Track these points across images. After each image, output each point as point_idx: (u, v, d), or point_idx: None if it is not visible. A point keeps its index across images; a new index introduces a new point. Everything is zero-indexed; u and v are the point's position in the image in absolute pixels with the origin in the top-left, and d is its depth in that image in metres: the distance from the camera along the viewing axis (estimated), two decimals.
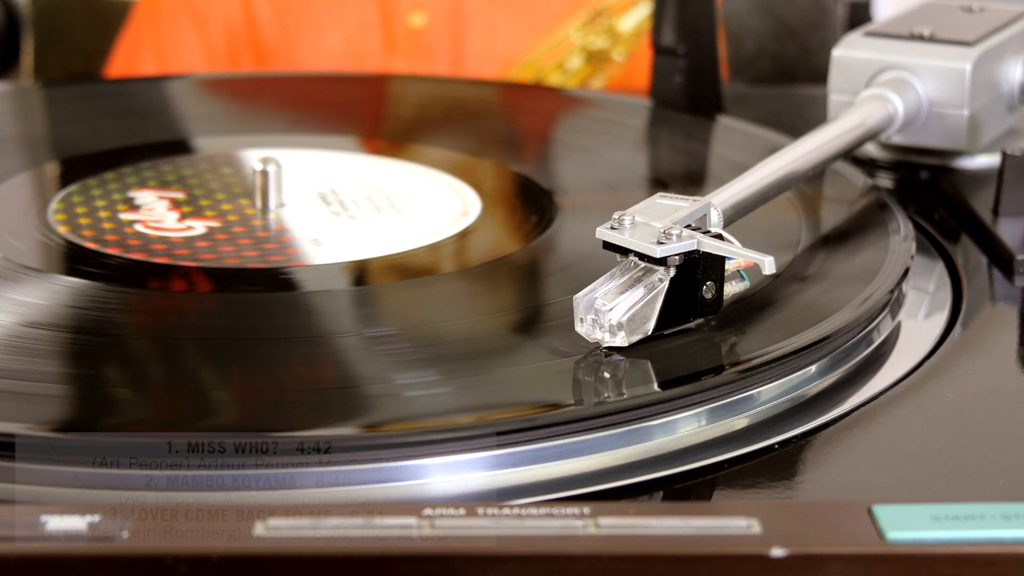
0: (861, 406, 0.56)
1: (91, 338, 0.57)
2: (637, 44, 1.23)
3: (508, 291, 0.65)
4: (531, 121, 0.90)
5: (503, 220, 0.72)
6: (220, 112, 0.92)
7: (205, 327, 0.59)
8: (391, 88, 0.99)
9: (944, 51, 0.77)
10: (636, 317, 0.54)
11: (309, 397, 0.53)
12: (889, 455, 0.52)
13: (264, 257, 0.66)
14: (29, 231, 0.68)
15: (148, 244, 0.67)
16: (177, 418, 0.51)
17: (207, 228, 0.69)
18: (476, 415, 0.51)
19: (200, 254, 0.66)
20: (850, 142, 0.71)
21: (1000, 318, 0.64)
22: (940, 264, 0.70)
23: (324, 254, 0.66)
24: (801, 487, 0.50)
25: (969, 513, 0.45)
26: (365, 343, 0.58)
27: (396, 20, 1.21)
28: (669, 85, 0.90)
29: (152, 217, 0.70)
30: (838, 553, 0.43)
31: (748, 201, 0.62)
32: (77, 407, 0.52)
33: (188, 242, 0.67)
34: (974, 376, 0.58)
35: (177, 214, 0.70)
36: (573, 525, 0.44)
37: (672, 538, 0.44)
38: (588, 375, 0.54)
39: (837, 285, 0.62)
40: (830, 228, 0.69)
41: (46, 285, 0.61)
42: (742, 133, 0.83)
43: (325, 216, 0.71)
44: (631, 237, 0.55)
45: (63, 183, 0.74)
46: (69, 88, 0.99)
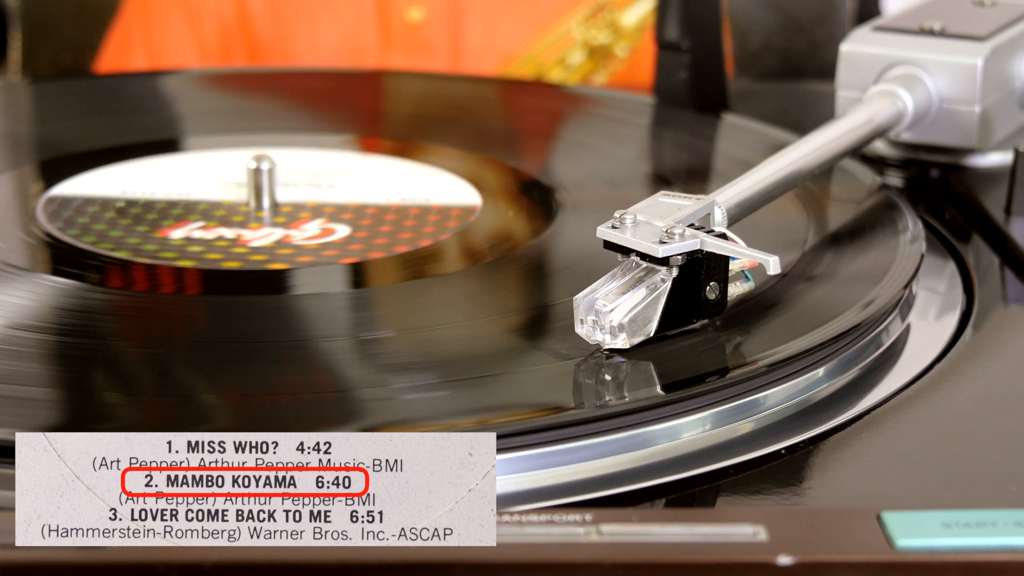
0: (870, 410, 0.55)
1: (77, 340, 0.57)
2: (640, 39, 1.23)
3: (507, 292, 0.65)
4: (531, 118, 0.91)
5: (502, 219, 0.72)
6: (212, 108, 0.92)
7: (196, 329, 0.59)
8: (388, 84, 0.99)
9: (955, 46, 0.77)
10: (638, 318, 0.54)
11: (304, 401, 0.52)
12: (898, 460, 0.52)
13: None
14: (16, 230, 0.67)
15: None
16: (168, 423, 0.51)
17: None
18: (475, 419, 0.51)
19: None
20: (858, 139, 0.71)
21: (1012, 320, 0.64)
22: (951, 264, 0.69)
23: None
24: (808, 493, 0.50)
25: (980, 520, 0.45)
26: (362, 346, 0.57)
27: (393, 14, 1.21)
28: (673, 81, 0.90)
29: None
30: (846, 561, 0.43)
31: (753, 200, 0.62)
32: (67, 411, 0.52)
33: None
34: (986, 379, 0.58)
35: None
36: (575, 532, 0.44)
37: (676, 546, 0.44)
38: (589, 378, 0.54)
39: (845, 286, 0.62)
40: (838, 227, 0.69)
41: (31, 285, 0.61)
42: (747, 130, 0.83)
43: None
44: (633, 236, 0.55)
45: (52, 181, 0.74)
46: (58, 84, 1.00)
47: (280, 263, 0.65)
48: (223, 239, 0.67)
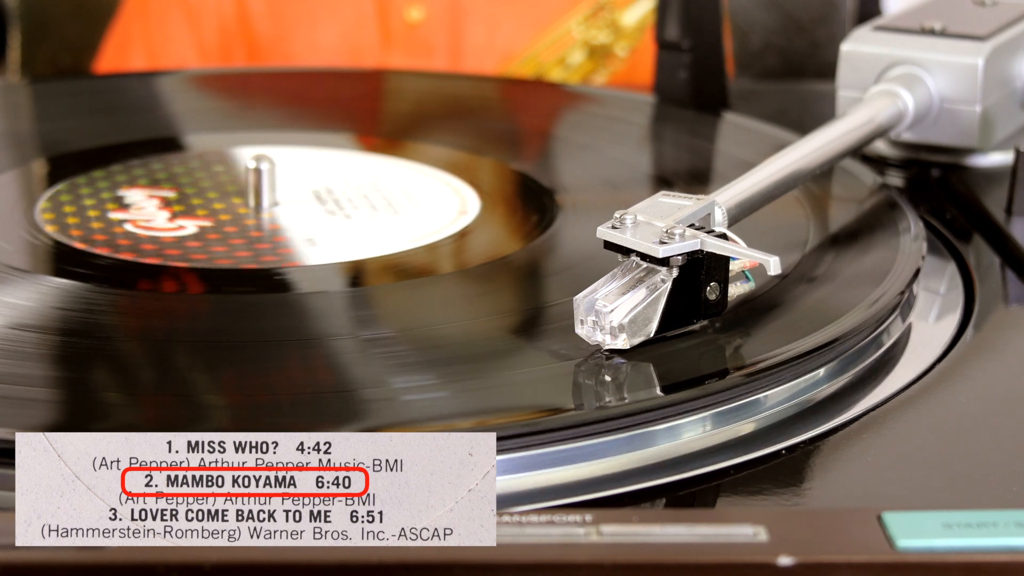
0: (870, 411, 0.55)
1: (78, 340, 0.56)
2: (640, 39, 1.23)
3: (507, 292, 0.65)
4: (531, 118, 0.91)
5: (502, 220, 0.72)
6: (212, 108, 0.92)
7: (196, 329, 0.59)
8: (388, 84, 0.99)
9: (956, 46, 0.77)
10: (638, 319, 0.54)
11: (304, 401, 0.52)
12: (899, 461, 0.52)
13: (257, 257, 0.65)
14: (16, 231, 0.67)
15: (138, 244, 0.66)
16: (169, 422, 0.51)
17: (198, 228, 0.68)
18: (474, 419, 0.51)
19: (191, 254, 0.65)
20: (859, 139, 0.71)
21: (1013, 320, 0.64)
22: (952, 265, 0.69)
23: (319, 254, 0.66)
24: (809, 494, 0.50)
25: (981, 520, 0.45)
26: (361, 345, 0.57)
27: (393, 14, 1.21)
28: (673, 81, 0.90)
29: (142, 216, 0.70)
30: (847, 561, 0.43)
31: (753, 200, 0.61)
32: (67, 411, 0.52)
33: (179, 242, 0.66)
34: (986, 380, 0.58)
35: (168, 213, 0.70)
36: (575, 533, 0.44)
37: (676, 546, 0.44)
38: (589, 378, 0.54)
39: (846, 286, 0.62)
40: (838, 227, 0.69)
41: (32, 286, 0.61)
42: (748, 130, 0.83)
43: (320, 215, 0.70)
44: (633, 237, 0.55)
45: (51, 181, 0.74)
46: (57, 84, 0.99)
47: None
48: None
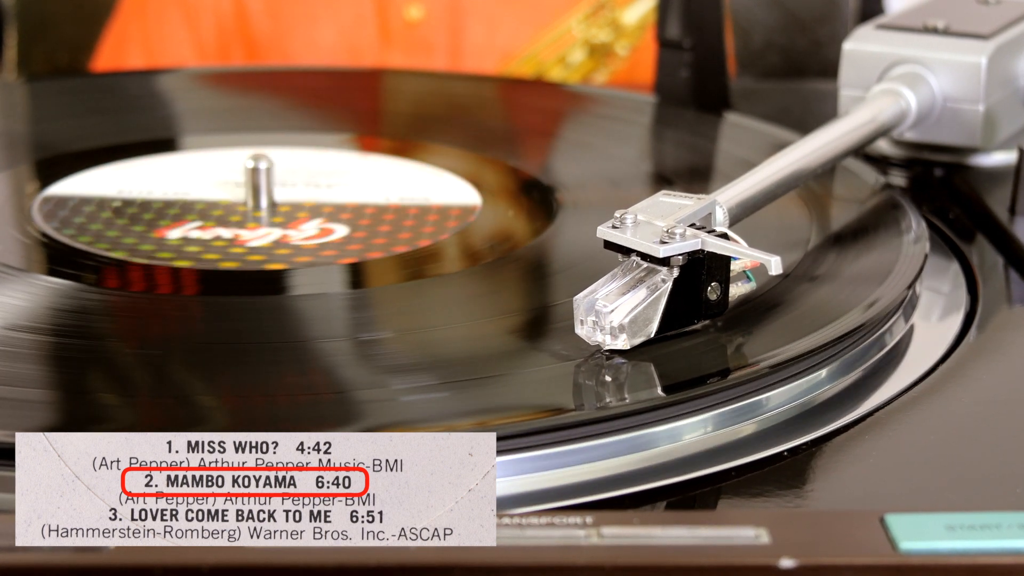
0: (873, 412, 0.55)
1: (75, 341, 0.56)
2: (641, 37, 1.23)
3: (507, 292, 0.64)
4: (532, 117, 0.91)
5: (502, 219, 0.71)
6: (210, 107, 0.92)
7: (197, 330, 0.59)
8: (387, 83, 0.99)
9: (959, 44, 0.77)
10: (638, 319, 0.54)
11: (303, 402, 0.52)
12: (902, 462, 0.52)
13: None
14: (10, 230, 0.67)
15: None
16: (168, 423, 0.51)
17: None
18: (474, 420, 0.51)
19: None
20: (861, 138, 0.71)
21: (1017, 320, 0.64)
22: (955, 264, 0.69)
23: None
24: (811, 495, 0.50)
25: (985, 522, 0.45)
26: (360, 346, 0.57)
27: (392, 12, 1.21)
28: (674, 80, 0.90)
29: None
30: (849, 563, 0.43)
31: (755, 199, 0.61)
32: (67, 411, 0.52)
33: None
34: (990, 380, 0.58)
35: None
36: (575, 535, 0.44)
37: (677, 548, 0.44)
38: (589, 379, 0.53)
39: (848, 286, 0.61)
40: (841, 227, 0.69)
41: (28, 286, 0.61)
42: (749, 129, 0.83)
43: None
44: (633, 236, 0.55)
45: (47, 180, 0.73)
46: (54, 82, 1.00)
47: (278, 263, 0.64)
48: (220, 239, 0.67)
